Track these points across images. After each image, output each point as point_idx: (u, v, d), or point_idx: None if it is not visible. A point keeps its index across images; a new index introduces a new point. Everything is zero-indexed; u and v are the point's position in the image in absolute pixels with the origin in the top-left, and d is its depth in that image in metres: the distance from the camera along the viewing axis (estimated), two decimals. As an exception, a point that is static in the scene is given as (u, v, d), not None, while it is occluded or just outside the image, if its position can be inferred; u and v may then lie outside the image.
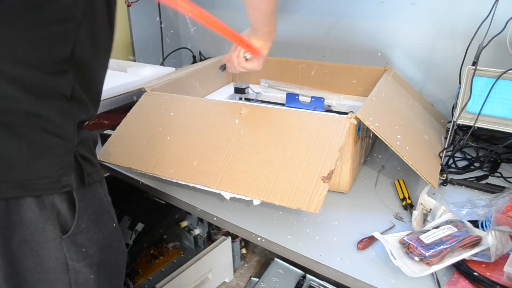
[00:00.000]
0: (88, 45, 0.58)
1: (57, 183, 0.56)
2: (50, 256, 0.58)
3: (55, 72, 0.55)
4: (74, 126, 0.58)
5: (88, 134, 0.62)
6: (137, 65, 1.45)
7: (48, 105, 0.55)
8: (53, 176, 0.56)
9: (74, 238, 0.59)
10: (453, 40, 1.23)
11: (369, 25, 1.37)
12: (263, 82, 1.36)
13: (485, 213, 0.78)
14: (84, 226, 0.60)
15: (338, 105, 1.21)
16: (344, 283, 0.69)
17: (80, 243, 0.60)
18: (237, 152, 0.83)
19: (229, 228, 0.84)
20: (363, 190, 0.93)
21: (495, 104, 0.94)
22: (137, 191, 1.46)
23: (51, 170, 0.55)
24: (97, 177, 0.63)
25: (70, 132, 0.57)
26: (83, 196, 0.60)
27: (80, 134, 0.59)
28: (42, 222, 0.56)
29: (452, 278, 0.66)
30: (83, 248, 0.60)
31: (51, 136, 0.55)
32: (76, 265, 0.60)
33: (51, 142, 0.55)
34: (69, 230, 0.58)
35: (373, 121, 0.82)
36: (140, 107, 1.02)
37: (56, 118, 0.55)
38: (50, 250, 0.58)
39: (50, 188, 0.56)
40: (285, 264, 1.59)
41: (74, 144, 0.58)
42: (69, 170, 0.57)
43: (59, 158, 0.56)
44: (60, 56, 0.55)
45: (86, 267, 0.61)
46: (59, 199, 0.57)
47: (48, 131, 0.55)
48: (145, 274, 1.41)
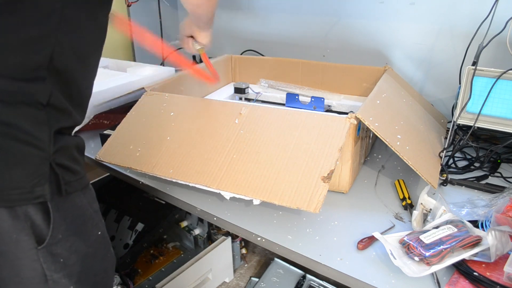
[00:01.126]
0: (70, 51, 0.57)
1: (29, 193, 0.54)
2: (26, 267, 0.57)
3: (29, 79, 0.53)
4: (50, 135, 0.56)
5: (71, 141, 0.60)
6: (137, 65, 1.45)
7: (20, 113, 0.53)
8: (26, 186, 0.54)
9: (50, 248, 0.57)
10: (453, 40, 1.23)
11: (369, 25, 1.37)
12: (263, 82, 1.36)
13: (485, 213, 0.78)
14: (61, 236, 0.58)
15: (338, 105, 1.21)
16: (344, 283, 0.69)
17: (57, 254, 0.58)
18: (237, 152, 0.83)
19: (229, 228, 0.84)
20: (363, 190, 0.93)
21: (495, 104, 0.94)
22: (137, 191, 1.46)
23: (24, 181, 0.54)
24: (78, 185, 0.61)
25: (45, 141, 0.55)
26: (59, 206, 0.58)
27: (59, 142, 0.57)
28: (15, 233, 0.55)
29: (452, 278, 0.66)
30: (61, 259, 0.59)
31: (24, 146, 0.53)
32: (54, 275, 0.58)
33: (23, 152, 0.53)
34: (45, 240, 0.56)
35: (373, 121, 0.82)
36: (140, 107, 1.02)
37: (29, 126, 0.53)
38: (26, 261, 0.57)
39: (22, 199, 0.54)
40: (285, 264, 1.59)
41: (50, 153, 0.56)
42: (43, 180, 0.55)
43: (33, 168, 0.54)
44: (35, 63, 0.53)
45: (65, 277, 0.60)
46: (33, 209, 0.55)
47: (20, 140, 0.53)
48: (145, 274, 1.41)
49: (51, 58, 0.54)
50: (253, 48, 1.65)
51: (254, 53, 1.64)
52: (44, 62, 0.54)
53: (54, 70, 0.55)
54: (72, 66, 0.58)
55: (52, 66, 0.55)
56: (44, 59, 0.54)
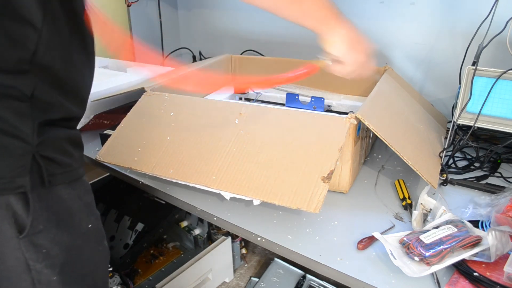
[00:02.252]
0: (55, 48, 0.57)
1: (10, 183, 0.55)
2: (9, 255, 0.58)
3: (11, 72, 0.53)
4: (34, 127, 0.56)
5: (61, 133, 0.60)
6: (137, 65, 1.45)
7: (3, 105, 0.53)
8: (7, 176, 0.54)
9: (32, 238, 0.58)
10: (453, 40, 1.22)
11: (369, 25, 1.37)
12: (263, 82, 1.36)
13: (485, 213, 0.78)
14: (42, 227, 0.58)
15: (338, 105, 1.21)
16: (344, 283, 0.70)
17: (39, 244, 0.59)
18: (237, 152, 0.83)
19: (229, 228, 0.84)
20: (363, 190, 0.93)
21: (495, 104, 0.94)
22: (137, 191, 1.46)
23: (4, 171, 0.54)
24: (65, 177, 0.61)
25: (28, 133, 0.56)
26: (41, 197, 0.58)
27: (45, 134, 0.57)
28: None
29: (452, 278, 0.66)
30: (43, 249, 0.59)
31: (5, 137, 0.54)
32: (37, 265, 0.59)
33: (5, 143, 0.54)
34: (25, 230, 0.57)
35: (373, 121, 0.82)
36: (140, 107, 1.02)
37: (12, 118, 0.54)
38: (9, 249, 0.57)
39: (3, 189, 0.55)
40: (285, 264, 1.59)
41: (34, 144, 0.56)
42: (24, 171, 0.56)
43: (14, 159, 0.55)
44: (17, 57, 0.54)
45: (47, 268, 0.60)
46: (14, 199, 0.56)
47: (2, 131, 0.54)
48: (145, 274, 1.41)
49: (34, 53, 0.54)
50: (253, 48, 1.65)
51: (254, 53, 1.64)
52: (26, 57, 0.54)
53: (37, 65, 0.55)
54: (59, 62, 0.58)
55: (36, 60, 0.55)
56: (26, 54, 0.54)
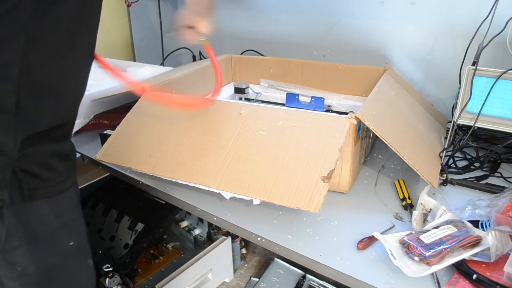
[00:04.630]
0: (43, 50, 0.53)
1: None
2: None
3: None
4: (17, 140, 0.54)
5: (47, 147, 0.57)
6: (137, 65, 1.45)
7: None
8: None
9: (6, 255, 0.56)
10: (453, 40, 1.22)
11: (369, 25, 1.37)
12: (263, 82, 1.36)
13: (485, 213, 0.78)
14: (18, 243, 0.56)
15: (338, 105, 1.21)
16: (344, 283, 0.69)
17: (14, 262, 0.56)
18: (237, 152, 0.83)
19: (229, 228, 0.84)
20: (363, 190, 0.93)
21: (495, 104, 0.94)
22: (137, 191, 1.46)
23: None
24: (47, 192, 0.58)
25: (10, 147, 0.53)
26: (19, 212, 0.55)
27: (28, 148, 0.55)
28: None
29: (452, 278, 0.66)
30: (18, 267, 0.56)
31: None
32: (11, 283, 0.57)
33: None
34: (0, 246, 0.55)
35: (373, 121, 0.82)
36: (140, 107, 1.02)
37: None
38: None
39: None
40: (285, 264, 1.59)
41: (14, 158, 0.54)
42: (3, 185, 0.53)
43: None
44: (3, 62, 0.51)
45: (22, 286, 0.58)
46: None
47: None
48: (145, 274, 1.41)
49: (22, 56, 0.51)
50: (253, 48, 1.65)
51: (254, 53, 1.64)
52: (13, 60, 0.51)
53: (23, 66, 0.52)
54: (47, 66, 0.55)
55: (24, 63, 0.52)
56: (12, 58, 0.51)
